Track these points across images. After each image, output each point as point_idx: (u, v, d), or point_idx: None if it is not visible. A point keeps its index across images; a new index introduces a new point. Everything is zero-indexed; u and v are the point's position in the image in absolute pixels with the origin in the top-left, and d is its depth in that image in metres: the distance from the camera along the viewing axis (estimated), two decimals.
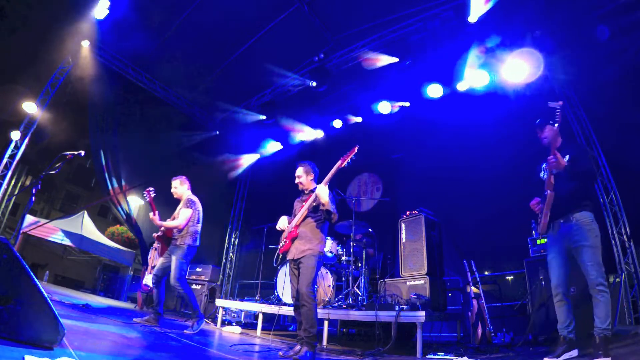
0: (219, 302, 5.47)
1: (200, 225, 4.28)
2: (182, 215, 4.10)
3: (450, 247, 5.29)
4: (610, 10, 4.40)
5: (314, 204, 3.17)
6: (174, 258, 4.00)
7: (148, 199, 4.20)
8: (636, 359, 2.64)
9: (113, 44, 6.81)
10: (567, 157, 2.81)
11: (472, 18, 4.79)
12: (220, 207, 9.27)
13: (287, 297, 4.76)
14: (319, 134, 7.65)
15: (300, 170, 3.36)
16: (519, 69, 4.98)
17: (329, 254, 5.18)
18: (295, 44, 6.44)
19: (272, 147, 8.51)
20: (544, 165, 3.12)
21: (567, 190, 2.79)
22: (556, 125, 2.72)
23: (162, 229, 4.15)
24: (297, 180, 3.37)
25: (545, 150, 3.13)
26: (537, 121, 3.12)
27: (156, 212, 4.10)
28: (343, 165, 3.16)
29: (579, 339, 2.72)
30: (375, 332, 3.59)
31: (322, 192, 3.06)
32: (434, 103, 6.13)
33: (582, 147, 2.95)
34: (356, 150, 3.17)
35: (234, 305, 5.62)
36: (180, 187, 4.38)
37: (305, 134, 7.78)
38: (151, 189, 4.23)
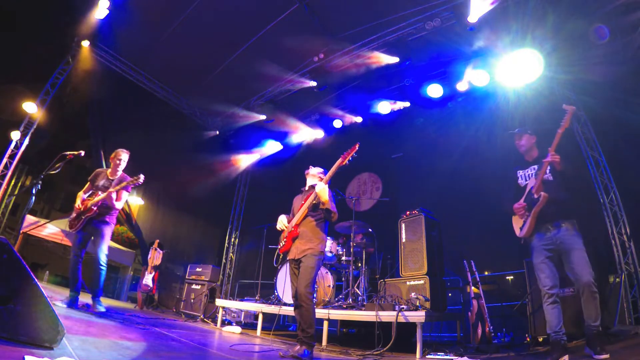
0: (219, 302, 5.47)
1: None
2: (123, 199, 4.26)
3: (450, 247, 5.27)
4: (610, 11, 4.40)
5: (314, 202, 3.16)
6: (105, 233, 4.15)
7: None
8: (636, 359, 2.64)
9: (113, 44, 6.81)
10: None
11: (472, 18, 4.79)
12: (220, 207, 9.28)
13: (287, 297, 4.76)
14: (318, 134, 7.66)
15: (318, 169, 3.45)
16: (519, 68, 4.97)
17: (329, 254, 5.18)
18: (295, 44, 6.43)
19: (272, 147, 8.52)
20: (522, 172, 3.24)
21: (556, 196, 2.88)
22: (560, 130, 2.88)
23: (94, 204, 4.06)
24: (313, 180, 3.41)
25: (520, 157, 3.30)
26: (516, 130, 3.29)
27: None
28: (344, 163, 3.14)
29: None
30: (375, 332, 3.58)
31: (322, 190, 3.05)
32: (434, 103, 6.14)
33: (570, 161, 2.99)
34: (357, 148, 3.15)
35: (234, 305, 5.61)
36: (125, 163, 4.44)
37: (305, 133, 7.79)
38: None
